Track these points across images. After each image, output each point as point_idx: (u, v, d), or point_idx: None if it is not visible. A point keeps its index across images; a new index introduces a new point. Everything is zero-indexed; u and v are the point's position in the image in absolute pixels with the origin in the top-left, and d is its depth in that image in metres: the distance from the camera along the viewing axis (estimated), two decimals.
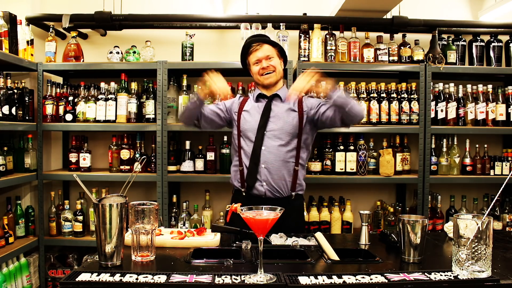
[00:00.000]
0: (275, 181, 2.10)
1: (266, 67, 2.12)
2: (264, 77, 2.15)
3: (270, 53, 2.13)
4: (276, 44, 2.19)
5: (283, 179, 2.12)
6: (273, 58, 2.15)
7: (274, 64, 2.14)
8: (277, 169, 2.10)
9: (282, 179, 2.11)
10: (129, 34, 3.38)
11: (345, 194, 3.29)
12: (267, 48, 2.14)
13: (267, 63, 2.13)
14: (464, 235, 1.27)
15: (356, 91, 3.08)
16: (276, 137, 2.11)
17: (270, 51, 2.14)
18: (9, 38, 2.75)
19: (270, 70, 2.13)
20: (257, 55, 2.13)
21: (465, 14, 3.50)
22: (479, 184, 3.32)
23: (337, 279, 1.26)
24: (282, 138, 2.11)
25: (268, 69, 2.13)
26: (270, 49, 2.14)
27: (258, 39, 2.16)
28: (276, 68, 2.15)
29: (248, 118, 2.19)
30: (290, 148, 2.13)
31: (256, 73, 2.17)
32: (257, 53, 2.13)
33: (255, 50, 2.13)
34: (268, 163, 2.10)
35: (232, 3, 3.44)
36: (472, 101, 3.14)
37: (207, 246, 1.65)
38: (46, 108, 3.01)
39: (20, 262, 2.84)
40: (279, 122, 2.13)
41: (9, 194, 2.97)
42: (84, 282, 1.25)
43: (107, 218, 1.40)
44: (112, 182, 3.19)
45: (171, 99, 3.06)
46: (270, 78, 2.15)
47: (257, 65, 2.15)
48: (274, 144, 2.11)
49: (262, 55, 2.13)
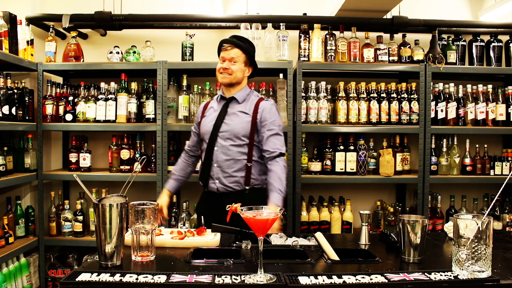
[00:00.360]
0: (227, 179, 2.22)
1: (225, 68, 2.23)
2: (221, 76, 2.26)
3: (236, 57, 2.23)
4: (248, 52, 2.27)
5: (234, 176, 2.21)
6: (237, 63, 2.24)
7: (234, 69, 2.23)
8: (228, 166, 2.21)
9: (233, 176, 2.22)
10: (129, 34, 3.38)
11: (345, 194, 3.29)
12: (235, 52, 2.23)
13: (228, 65, 2.23)
14: (464, 235, 1.27)
15: (356, 91, 3.08)
16: (227, 138, 2.23)
17: (237, 55, 2.23)
18: (9, 38, 2.75)
19: (229, 72, 2.23)
20: (223, 55, 2.25)
21: (465, 14, 3.50)
22: (479, 184, 3.32)
23: (337, 279, 1.26)
24: (233, 139, 2.22)
25: (226, 71, 2.23)
26: (238, 53, 2.23)
27: (232, 42, 2.25)
28: (234, 73, 2.24)
29: (205, 122, 2.32)
30: (242, 147, 2.22)
31: (217, 70, 2.28)
32: (224, 53, 2.24)
33: (224, 49, 2.24)
34: (219, 162, 2.22)
35: (232, 3, 3.44)
36: (472, 101, 3.14)
37: (207, 246, 1.65)
38: (46, 108, 3.01)
39: (20, 262, 2.84)
40: (231, 124, 2.24)
41: (9, 194, 2.97)
42: (84, 282, 1.25)
43: (107, 218, 1.40)
44: (112, 182, 3.19)
45: (171, 99, 3.06)
46: (224, 79, 2.25)
47: (221, 63, 2.26)
48: (225, 144, 2.22)
49: (227, 57, 2.23)
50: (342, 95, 3.06)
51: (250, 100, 2.30)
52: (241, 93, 2.30)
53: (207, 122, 2.32)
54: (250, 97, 2.32)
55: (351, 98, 3.04)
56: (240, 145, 2.22)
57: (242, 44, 2.26)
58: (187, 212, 3.04)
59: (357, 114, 3.04)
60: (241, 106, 2.27)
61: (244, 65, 2.27)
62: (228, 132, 2.23)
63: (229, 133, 2.22)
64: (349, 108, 3.03)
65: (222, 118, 2.26)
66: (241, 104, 2.28)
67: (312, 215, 3.03)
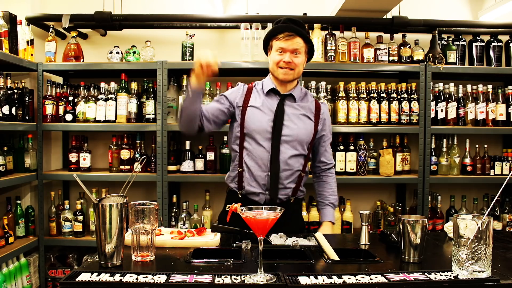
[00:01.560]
0: (280, 190, 1.95)
1: (288, 62, 1.88)
2: (282, 71, 1.91)
3: (299, 48, 1.89)
4: (309, 41, 1.94)
5: (288, 187, 1.97)
6: (300, 55, 1.91)
7: (298, 62, 1.90)
8: (285, 178, 1.94)
9: (287, 188, 1.96)
10: (129, 34, 3.38)
11: (345, 194, 3.29)
12: (298, 41, 1.88)
13: (291, 58, 1.88)
14: (464, 235, 1.27)
15: (356, 91, 3.08)
16: (290, 145, 1.93)
17: (300, 46, 1.89)
18: (9, 38, 2.75)
19: (292, 67, 1.90)
20: (284, 45, 1.88)
21: (465, 14, 3.50)
22: (479, 184, 3.32)
23: (337, 279, 1.26)
24: (296, 147, 1.93)
25: (290, 65, 1.89)
26: (301, 43, 1.89)
27: (293, 29, 1.88)
28: (297, 67, 1.92)
29: (257, 116, 1.94)
30: (301, 157, 1.97)
31: (275, 62, 1.92)
32: (285, 43, 1.87)
33: (285, 39, 1.87)
34: (279, 171, 1.92)
35: (232, 3, 3.44)
36: (472, 101, 3.14)
37: (207, 246, 1.65)
38: (46, 108, 3.01)
39: (20, 262, 2.84)
40: (295, 128, 1.93)
41: (9, 194, 2.97)
42: (84, 282, 1.24)
43: (107, 218, 1.40)
44: (112, 182, 3.19)
45: (171, 99, 3.06)
46: (288, 75, 1.92)
47: (280, 54, 1.90)
48: (288, 153, 1.92)
49: (289, 48, 1.88)
50: (342, 95, 3.06)
51: (308, 100, 2.02)
52: (298, 90, 2.00)
53: (259, 117, 1.93)
54: (306, 96, 2.04)
55: (351, 98, 3.04)
56: (301, 155, 1.95)
57: (304, 32, 1.91)
58: (187, 212, 3.04)
59: (357, 114, 3.04)
60: (299, 107, 1.98)
61: (305, 56, 1.95)
62: (292, 137, 1.92)
63: (293, 139, 1.92)
64: (349, 108, 3.03)
65: (282, 119, 1.92)
66: (299, 104, 1.98)
67: (312, 215, 3.03)
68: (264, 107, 1.95)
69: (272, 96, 1.97)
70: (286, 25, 1.90)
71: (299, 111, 1.98)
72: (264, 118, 1.93)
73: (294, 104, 1.98)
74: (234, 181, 2.03)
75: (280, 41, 1.88)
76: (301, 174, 1.98)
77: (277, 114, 1.92)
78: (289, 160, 1.93)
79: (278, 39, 1.89)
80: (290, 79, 1.94)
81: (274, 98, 1.97)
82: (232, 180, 2.05)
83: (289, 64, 1.89)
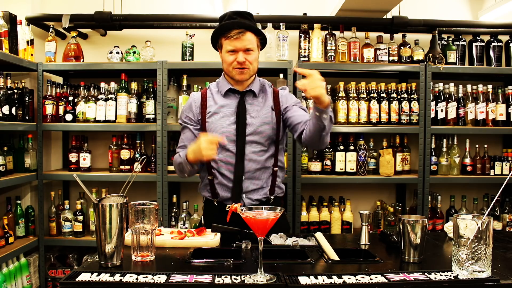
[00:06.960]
0: (256, 192, 1.89)
1: (242, 62, 1.80)
2: (238, 72, 1.83)
3: (251, 45, 1.80)
4: (260, 32, 1.85)
5: (263, 187, 1.90)
6: (253, 52, 1.82)
7: (252, 59, 1.82)
8: (258, 177, 1.88)
9: (263, 187, 1.90)
10: (129, 34, 3.38)
11: (345, 194, 3.29)
12: (249, 38, 1.79)
13: (244, 57, 1.80)
14: (464, 235, 1.27)
15: (356, 91, 3.08)
16: (255, 142, 1.86)
17: (252, 42, 1.80)
18: (9, 38, 2.75)
19: (246, 66, 1.82)
20: (236, 44, 1.78)
21: (465, 14, 3.50)
22: (479, 184, 3.32)
23: (337, 279, 1.26)
24: (263, 143, 1.87)
25: (244, 65, 1.81)
26: (252, 39, 1.80)
27: (242, 25, 1.77)
28: (252, 65, 1.83)
29: (219, 123, 1.87)
30: (270, 152, 1.90)
31: (228, 64, 1.84)
32: (236, 42, 1.78)
33: (235, 38, 1.77)
34: (250, 173, 1.86)
35: (232, 3, 3.44)
36: (472, 101, 3.14)
37: (207, 246, 1.65)
38: (46, 108, 3.01)
39: (20, 262, 2.84)
40: (258, 124, 1.87)
41: (9, 194, 2.97)
42: (84, 282, 1.24)
43: (107, 218, 1.40)
44: (112, 182, 3.19)
45: (171, 99, 3.06)
46: (244, 75, 1.84)
47: (232, 54, 1.81)
48: (254, 151, 1.86)
49: (241, 46, 1.79)
50: (342, 95, 3.06)
51: (267, 91, 1.95)
52: (256, 84, 1.92)
53: (221, 123, 1.87)
54: (265, 87, 1.96)
55: (351, 98, 3.04)
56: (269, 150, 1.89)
57: (254, 25, 1.81)
58: (187, 212, 3.04)
59: (357, 114, 3.04)
60: (260, 101, 1.91)
61: (258, 50, 1.87)
62: (258, 134, 1.86)
63: (259, 136, 1.86)
64: (349, 108, 3.04)
65: (244, 118, 1.85)
66: (259, 99, 1.91)
67: (312, 215, 3.03)
68: (224, 111, 1.89)
69: (231, 96, 1.91)
70: (234, 21, 1.79)
71: (261, 105, 1.91)
72: (226, 122, 1.87)
73: (255, 100, 1.91)
74: (206, 190, 1.97)
75: (230, 40, 1.79)
76: (274, 169, 1.91)
77: (239, 114, 1.86)
78: (258, 158, 1.87)
79: (228, 38, 1.79)
80: (247, 78, 1.87)
81: (233, 97, 1.91)
82: (204, 189, 1.98)
83: (243, 64, 1.81)
